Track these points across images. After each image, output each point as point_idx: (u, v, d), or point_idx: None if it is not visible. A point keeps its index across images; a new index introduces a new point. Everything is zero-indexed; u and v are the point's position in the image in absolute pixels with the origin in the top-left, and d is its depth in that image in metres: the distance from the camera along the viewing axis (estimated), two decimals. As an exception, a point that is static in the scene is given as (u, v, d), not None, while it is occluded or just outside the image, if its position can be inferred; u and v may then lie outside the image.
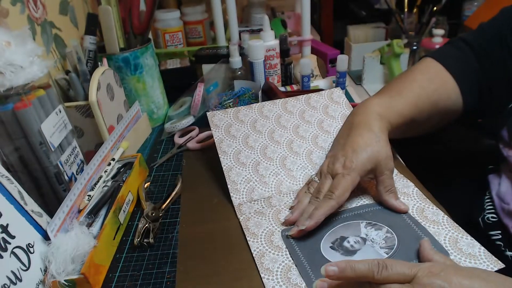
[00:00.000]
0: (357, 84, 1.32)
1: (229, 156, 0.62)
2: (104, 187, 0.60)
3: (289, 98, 0.69)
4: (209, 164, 0.68)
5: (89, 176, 0.57)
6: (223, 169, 0.60)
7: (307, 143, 0.64)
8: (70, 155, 0.58)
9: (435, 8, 1.31)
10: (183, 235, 0.54)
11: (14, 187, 0.46)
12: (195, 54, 0.93)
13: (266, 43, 0.85)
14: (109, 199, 0.57)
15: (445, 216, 0.50)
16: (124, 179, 0.61)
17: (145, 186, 0.63)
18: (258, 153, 0.62)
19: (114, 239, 0.53)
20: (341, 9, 1.56)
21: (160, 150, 0.76)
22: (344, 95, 0.70)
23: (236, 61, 0.83)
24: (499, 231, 0.55)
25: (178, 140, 0.76)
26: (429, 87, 0.60)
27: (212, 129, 0.65)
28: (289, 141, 0.64)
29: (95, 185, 0.58)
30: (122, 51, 0.76)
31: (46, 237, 0.47)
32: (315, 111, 0.68)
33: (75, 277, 0.44)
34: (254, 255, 0.48)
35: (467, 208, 0.61)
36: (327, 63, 0.98)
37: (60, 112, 0.56)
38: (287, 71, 0.94)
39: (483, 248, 0.45)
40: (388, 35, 1.43)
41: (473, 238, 0.47)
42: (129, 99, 0.80)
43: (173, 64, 0.94)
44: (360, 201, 0.55)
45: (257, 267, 0.46)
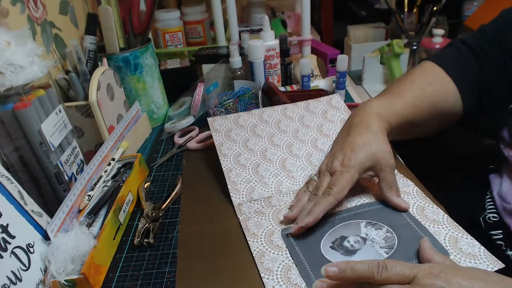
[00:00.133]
0: (357, 84, 1.32)
1: (229, 158, 0.62)
2: (104, 187, 0.60)
3: (288, 104, 0.70)
4: (209, 164, 0.68)
5: (89, 176, 0.57)
6: (223, 171, 0.60)
7: (307, 146, 0.64)
8: (70, 155, 0.58)
9: (435, 8, 1.31)
10: (183, 235, 0.54)
11: (14, 187, 0.46)
12: (195, 54, 0.93)
13: (266, 43, 0.85)
14: (109, 199, 0.57)
15: (445, 215, 0.50)
16: (124, 179, 0.61)
17: (145, 186, 0.63)
18: (258, 156, 0.63)
19: (114, 239, 0.53)
20: (341, 9, 1.56)
21: (160, 150, 0.76)
22: (342, 101, 0.71)
23: (236, 61, 0.83)
24: (500, 231, 0.55)
25: (178, 140, 0.76)
26: (428, 89, 0.60)
27: (212, 133, 0.65)
28: (289, 144, 0.64)
29: (95, 185, 0.58)
30: (122, 51, 0.76)
31: (46, 237, 0.47)
32: (314, 116, 0.68)
33: (75, 277, 0.44)
34: (254, 255, 0.48)
35: (467, 208, 0.61)
36: (327, 63, 0.98)
37: (60, 112, 0.56)
38: (287, 71, 0.94)
39: (483, 247, 0.45)
40: (388, 35, 1.43)
41: (473, 237, 0.47)
42: (129, 99, 0.80)
43: (173, 64, 0.94)
44: (360, 200, 0.55)
45: (257, 267, 0.46)
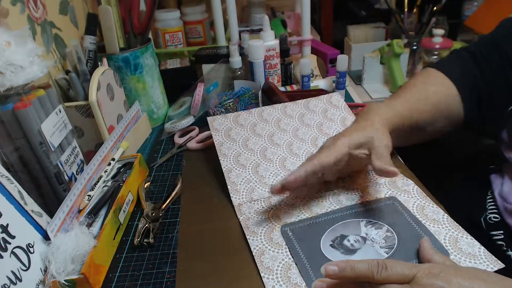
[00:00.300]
0: (357, 84, 1.32)
1: (229, 158, 0.62)
2: (104, 187, 0.60)
3: (289, 103, 0.70)
4: (209, 164, 0.68)
5: (89, 176, 0.57)
6: (223, 171, 0.61)
7: (307, 145, 0.64)
8: (70, 155, 0.58)
9: (435, 8, 1.31)
10: (183, 235, 0.54)
11: (14, 187, 0.46)
12: (195, 54, 0.93)
13: (266, 43, 0.85)
14: (109, 199, 0.57)
15: (445, 215, 0.50)
16: (124, 179, 0.61)
17: (145, 186, 0.63)
18: (258, 155, 0.62)
19: (114, 239, 0.53)
20: (341, 9, 1.56)
21: (160, 150, 0.76)
22: (343, 99, 0.70)
23: (236, 61, 0.83)
24: (501, 231, 0.55)
25: (178, 140, 0.76)
26: (429, 90, 0.60)
27: (212, 133, 0.65)
28: (289, 143, 0.64)
29: (95, 185, 0.58)
30: (122, 51, 0.76)
31: (46, 237, 0.47)
32: (314, 114, 0.68)
33: (75, 277, 0.44)
34: (254, 253, 0.48)
35: (468, 208, 0.62)
36: (327, 63, 0.98)
37: (60, 112, 0.56)
38: (287, 71, 0.94)
39: (483, 247, 0.45)
40: (388, 35, 1.43)
41: (473, 237, 0.47)
42: (129, 99, 0.80)
43: (173, 64, 0.94)
44: (360, 199, 0.55)
45: (257, 266, 0.46)
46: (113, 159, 0.64)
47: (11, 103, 0.49)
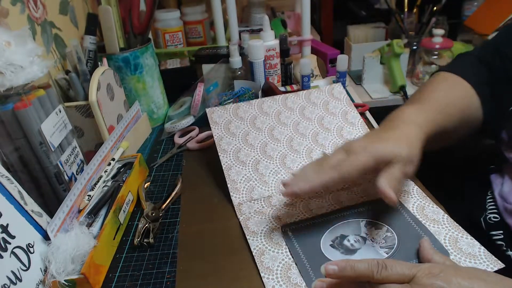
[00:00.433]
0: (357, 84, 1.32)
1: (229, 154, 0.62)
2: (104, 187, 0.60)
3: (289, 94, 0.69)
4: (209, 164, 0.68)
5: (89, 176, 0.57)
6: (223, 168, 0.60)
7: (307, 140, 0.64)
8: (70, 155, 0.58)
9: (435, 8, 1.31)
10: (183, 235, 0.54)
11: (14, 187, 0.46)
12: (195, 54, 0.93)
13: (266, 43, 0.85)
14: (109, 199, 0.57)
15: (445, 215, 0.50)
16: (124, 179, 0.61)
17: (145, 186, 0.63)
18: (258, 151, 0.62)
19: (114, 239, 0.53)
20: (341, 9, 1.56)
21: (160, 150, 0.76)
22: (344, 91, 0.70)
23: (236, 61, 0.83)
24: (501, 231, 0.55)
25: (178, 140, 0.76)
26: (454, 94, 0.59)
27: (211, 126, 0.64)
28: (289, 138, 0.64)
29: (95, 185, 0.58)
30: (122, 51, 0.76)
31: (46, 237, 0.47)
32: (316, 107, 0.68)
33: (75, 277, 0.44)
34: (254, 254, 0.48)
35: (468, 208, 0.62)
36: (327, 63, 0.98)
37: (60, 112, 0.56)
38: (287, 71, 0.94)
39: (483, 247, 0.45)
40: (388, 35, 1.43)
41: (473, 237, 0.47)
42: (129, 99, 0.80)
43: (173, 64, 0.94)
44: (360, 199, 0.55)
45: (257, 266, 0.46)
46: (113, 159, 0.64)
47: (11, 103, 0.49)
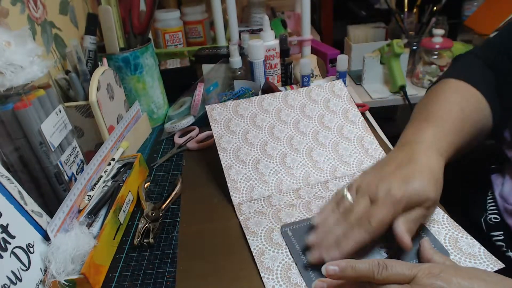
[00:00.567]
0: (357, 84, 1.32)
1: (229, 153, 0.61)
2: (104, 187, 0.60)
3: (290, 91, 0.68)
4: (209, 164, 0.68)
5: (89, 176, 0.57)
6: (223, 167, 0.60)
7: (308, 139, 0.64)
8: (70, 155, 0.58)
9: (435, 8, 1.31)
10: (183, 235, 0.54)
11: (14, 187, 0.46)
12: (195, 54, 0.93)
13: (266, 43, 0.85)
14: (109, 199, 0.57)
15: (445, 215, 0.50)
16: (124, 179, 0.61)
17: (145, 186, 0.63)
18: (258, 150, 0.62)
19: (114, 239, 0.53)
20: (341, 9, 1.56)
21: (160, 150, 0.76)
22: (345, 89, 0.70)
23: (236, 61, 0.83)
24: (501, 232, 0.55)
25: (178, 140, 0.76)
26: (468, 108, 0.56)
27: (211, 124, 0.64)
28: (289, 137, 0.63)
29: (95, 185, 0.58)
30: (122, 51, 0.76)
31: (46, 237, 0.47)
32: (316, 105, 0.67)
33: (75, 277, 0.44)
34: (254, 254, 0.48)
35: (468, 208, 0.61)
36: (327, 63, 0.98)
37: (60, 112, 0.56)
38: (287, 71, 0.94)
39: (483, 247, 0.45)
40: (388, 35, 1.43)
41: (473, 238, 0.47)
42: (129, 99, 0.80)
43: (173, 64, 0.94)
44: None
45: (257, 266, 0.46)
46: (113, 159, 0.64)
47: (11, 103, 0.49)
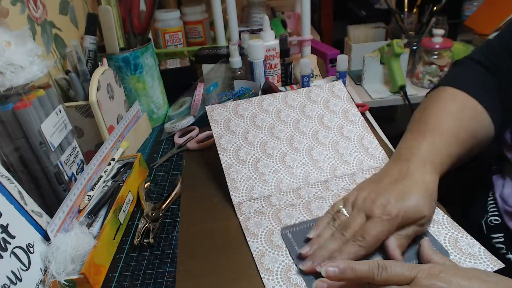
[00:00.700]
0: (357, 84, 1.32)
1: (229, 152, 0.61)
2: (104, 187, 0.60)
3: (290, 91, 0.69)
4: (209, 164, 0.68)
5: (89, 176, 0.57)
6: (223, 167, 0.60)
7: (308, 138, 0.64)
8: (70, 155, 0.58)
9: (435, 8, 1.31)
10: (183, 235, 0.54)
11: (14, 187, 0.46)
12: (195, 54, 0.93)
13: (266, 43, 0.85)
14: (109, 199, 0.57)
15: (445, 215, 0.50)
16: (124, 179, 0.61)
17: (145, 186, 0.63)
18: (257, 150, 0.62)
19: (114, 239, 0.53)
20: (341, 9, 1.56)
21: (160, 150, 0.76)
22: (345, 89, 0.70)
23: (236, 61, 0.83)
24: (501, 234, 0.55)
25: (178, 140, 0.76)
26: (464, 117, 0.55)
27: (211, 124, 0.64)
28: (289, 136, 0.64)
29: (95, 185, 0.58)
30: (122, 51, 0.76)
31: (46, 237, 0.47)
32: (316, 105, 0.67)
33: (75, 277, 0.44)
34: (254, 255, 0.48)
35: (468, 210, 0.61)
36: (327, 63, 0.98)
37: (60, 112, 0.56)
38: (287, 71, 0.94)
39: (483, 247, 0.45)
40: (388, 35, 1.43)
41: (473, 238, 0.47)
42: (129, 99, 0.80)
43: (173, 64, 0.94)
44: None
45: (257, 267, 0.46)
46: (113, 159, 0.64)
47: (11, 103, 0.49)
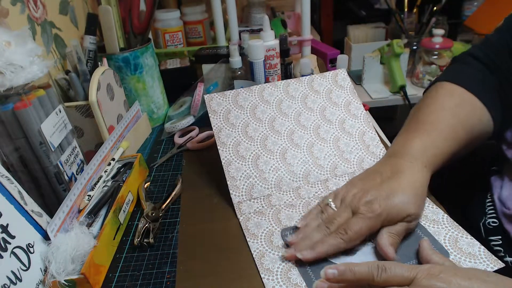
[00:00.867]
0: (357, 84, 1.32)
1: (228, 148, 0.60)
2: (104, 187, 0.60)
3: (292, 79, 0.66)
4: (209, 164, 0.68)
5: (89, 176, 0.57)
6: (222, 163, 0.59)
7: (309, 133, 0.62)
8: (70, 155, 0.58)
9: (435, 8, 1.31)
10: (183, 235, 0.54)
11: (14, 187, 0.46)
12: (195, 54, 0.93)
13: (266, 43, 0.85)
14: (109, 199, 0.57)
15: (445, 215, 0.50)
16: (124, 179, 0.61)
17: (145, 186, 0.63)
18: (258, 145, 0.61)
19: (114, 239, 0.53)
20: (341, 9, 1.56)
21: (160, 150, 0.76)
22: (348, 79, 0.68)
23: (236, 61, 0.83)
24: (499, 237, 0.55)
25: (178, 140, 0.76)
26: (461, 113, 0.55)
27: (210, 115, 0.62)
28: (290, 131, 0.62)
29: (95, 185, 0.58)
30: (122, 51, 0.76)
31: (46, 237, 0.47)
32: (318, 96, 0.65)
33: (75, 277, 0.44)
34: (254, 256, 0.48)
35: (467, 211, 0.61)
36: (327, 63, 0.97)
37: (60, 112, 0.56)
38: (287, 71, 0.94)
39: (483, 247, 0.45)
40: (388, 35, 1.43)
41: (473, 237, 0.47)
42: (129, 99, 0.80)
43: (173, 64, 0.94)
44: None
45: (257, 267, 0.46)
46: (113, 159, 0.64)
47: (11, 103, 0.48)
